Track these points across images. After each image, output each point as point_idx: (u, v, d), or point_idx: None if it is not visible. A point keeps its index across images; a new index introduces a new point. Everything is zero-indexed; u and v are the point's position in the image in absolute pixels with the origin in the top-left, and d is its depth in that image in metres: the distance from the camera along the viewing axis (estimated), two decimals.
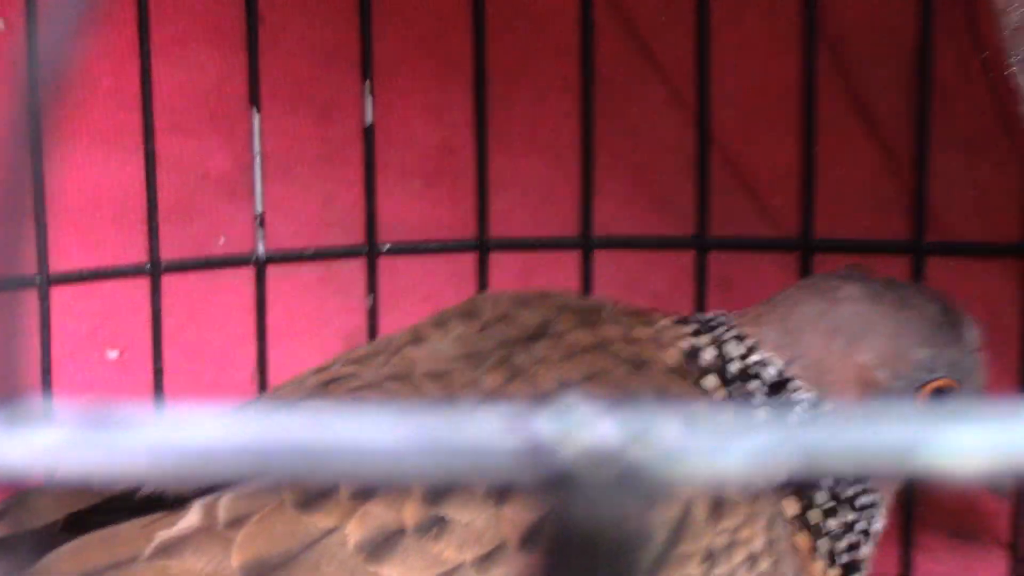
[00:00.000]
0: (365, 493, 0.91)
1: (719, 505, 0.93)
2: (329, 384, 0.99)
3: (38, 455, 0.28)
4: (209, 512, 0.94)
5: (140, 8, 1.10)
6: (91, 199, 1.17)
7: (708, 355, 1.00)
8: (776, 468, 0.28)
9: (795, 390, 0.98)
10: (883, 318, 0.98)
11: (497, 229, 1.17)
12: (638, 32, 1.19)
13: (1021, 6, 1.13)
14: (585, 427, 0.27)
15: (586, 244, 1.16)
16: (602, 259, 1.17)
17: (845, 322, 0.98)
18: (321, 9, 1.18)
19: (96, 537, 0.92)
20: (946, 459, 0.27)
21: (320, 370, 1.00)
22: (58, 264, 1.13)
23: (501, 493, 0.86)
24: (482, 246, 1.17)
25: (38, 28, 0.28)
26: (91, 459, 0.28)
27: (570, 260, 1.17)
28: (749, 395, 0.98)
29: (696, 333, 1.00)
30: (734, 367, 0.99)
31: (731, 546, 0.92)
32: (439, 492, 0.85)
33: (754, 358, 0.99)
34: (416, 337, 1.00)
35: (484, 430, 0.27)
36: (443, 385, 0.96)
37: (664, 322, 1.01)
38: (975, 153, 1.17)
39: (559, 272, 1.17)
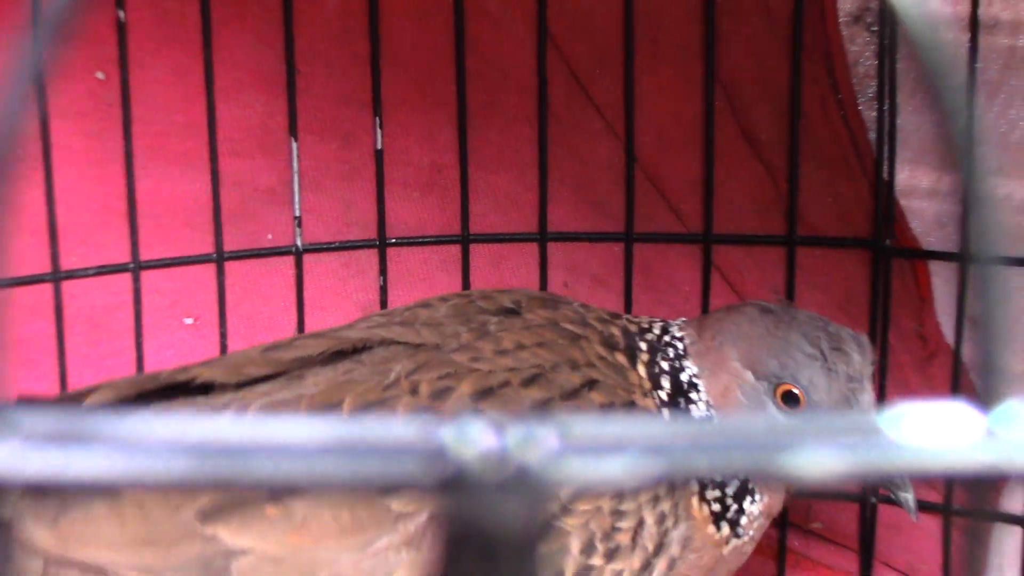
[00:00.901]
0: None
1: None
2: (356, 324, 0.98)
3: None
4: None
5: (206, 62, 1.09)
6: (170, 206, 1.16)
7: (643, 344, 0.98)
8: (644, 476, 0.27)
9: (696, 393, 0.96)
10: (757, 329, 0.96)
11: (475, 227, 1.16)
12: (580, 79, 1.18)
13: (868, 60, 1.13)
14: (480, 434, 0.27)
15: (542, 238, 1.15)
16: (554, 250, 1.16)
17: (733, 332, 0.97)
18: (342, 63, 1.18)
19: None
20: (795, 466, 0.27)
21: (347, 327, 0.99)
22: (147, 254, 1.12)
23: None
24: (464, 240, 1.17)
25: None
26: (44, 468, 0.27)
27: (530, 250, 1.16)
28: (660, 379, 0.97)
29: (640, 328, 0.99)
30: (659, 358, 0.98)
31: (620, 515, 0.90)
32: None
33: (679, 357, 0.98)
34: (424, 304, 1.00)
35: (394, 435, 0.27)
36: (435, 332, 0.95)
37: (614, 317, 1.00)
38: (833, 169, 1.16)
39: (522, 260, 1.17)
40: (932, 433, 0.27)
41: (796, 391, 0.95)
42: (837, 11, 1.13)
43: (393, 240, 1.17)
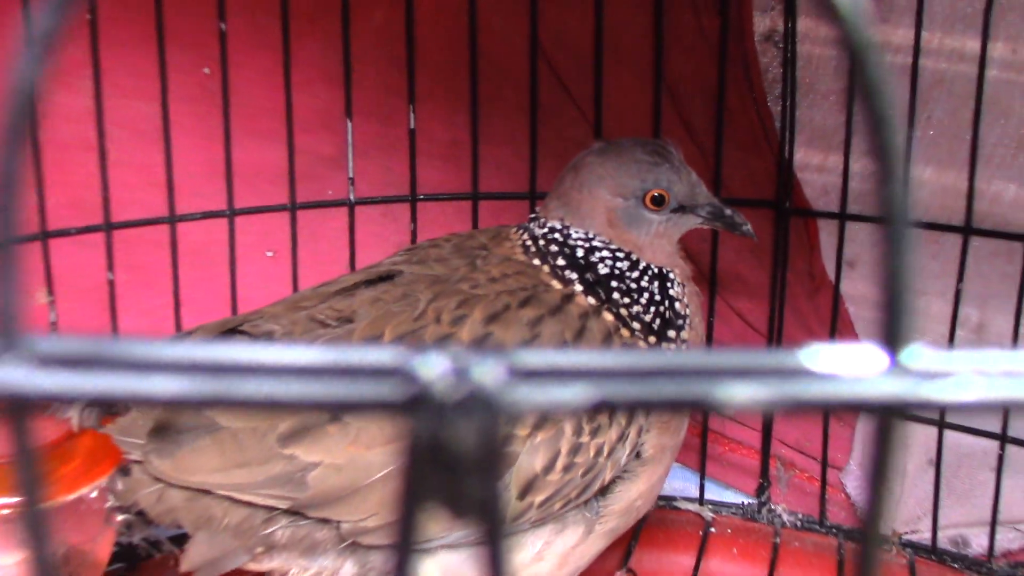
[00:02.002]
0: None
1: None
2: (385, 261, 0.95)
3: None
4: None
5: (285, 62, 1.04)
6: (257, 168, 1.12)
7: (529, 239, 0.93)
8: (583, 404, 0.23)
9: (575, 236, 0.92)
10: (607, 164, 0.91)
11: (483, 187, 1.12)
12: (561, 79, 1.13)
13: (775, 69, 1.07)
14: (443, 362, 0.22)
15: (532, 196, 1.11)
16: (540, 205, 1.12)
17: (587, 176, 0.92)
18: (385, 64, 1.12)
19: None
20: (724, 397, 0.23)
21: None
22: (239, 204, 1.08)
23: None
24: (474, 197, 1.12)
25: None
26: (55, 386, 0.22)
27: (523, 206, 1.11)
28: (555, 255, 0.92)
29: (523, 231, 0.95)
30: (539, 237, 0.93)
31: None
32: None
33: (548, 226, 0.93)
34: (433, 244, 0.95)
35: (373, 361, 0.22)
36: (442, 265, 0.91)
37: (514, 231, 0.95)
38: (748, 149, 1.11)
39: (517, 212, 1.11)
40: (846, 368, 0.22)
41: (660, 192, 0.91)
42: (754, 31, 1.07)
43: (421, 196, 1.13)
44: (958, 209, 1.00)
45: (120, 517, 0.87)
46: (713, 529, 1.13)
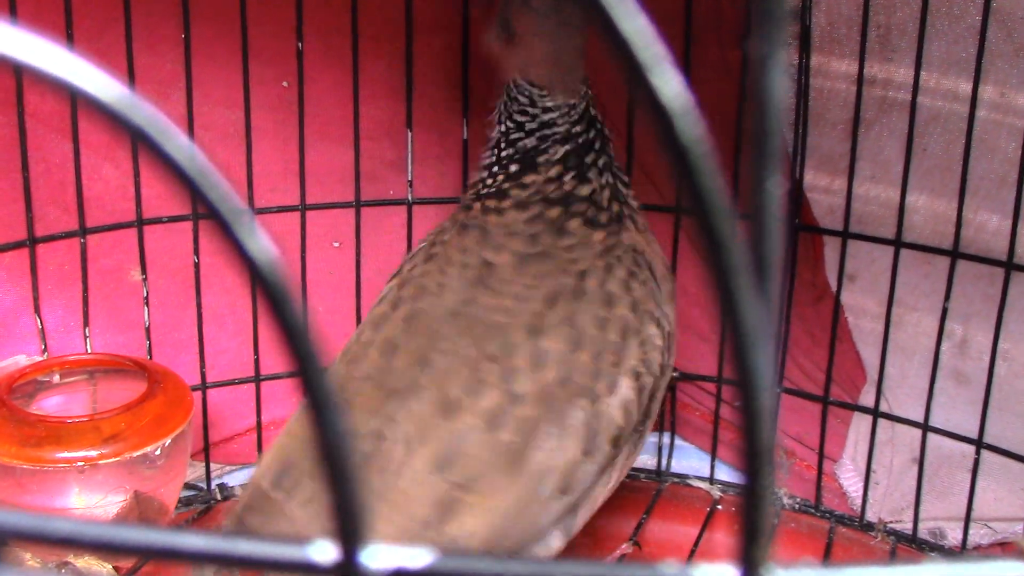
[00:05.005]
0: None
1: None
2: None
3: None
4: None
5: (354, 78, 1.14)
6: (328, 169, 1.21)
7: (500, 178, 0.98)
8: None
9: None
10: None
11: None
12: (600, 98, 1.21)
13: (788, 99, 1.14)
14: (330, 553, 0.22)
15: None
16: None
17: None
18: (443, 81, 1.22)
19: None
20: None
21: None
22: (311, 200, 1.19)
23: None
24: None
25: None
26: None
27: None
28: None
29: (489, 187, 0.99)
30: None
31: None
32: None
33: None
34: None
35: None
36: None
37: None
38: None
39: None
40: None
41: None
42: None
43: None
44: (948, 234, 1.08)
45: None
46: (720, 506, 1.23)
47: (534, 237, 0.93)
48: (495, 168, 0.99)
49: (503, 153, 0.99)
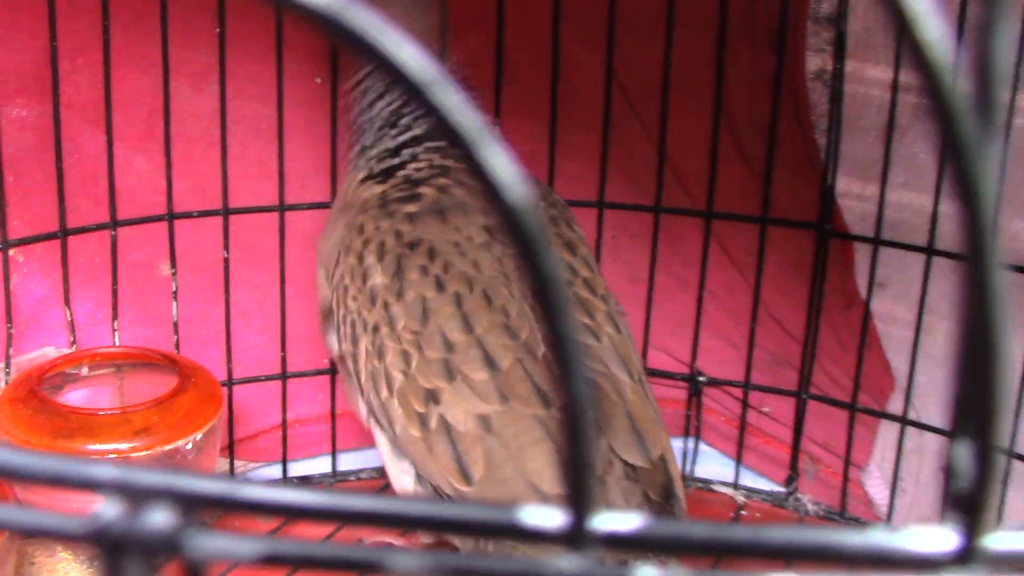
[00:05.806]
0: None
1: None
2: None
3: None
4: None
5: None
6: None
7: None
8: (254, 555, 0.23)
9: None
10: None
11: (556, 193, 1.20)
12: (631, 102, 1.21)
13: (823, 104, 1.14)
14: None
15: (600, 205, 1.20)
16: (608, 214, 1.21)
17: None
18: (474, 81, 1.21)
19: None
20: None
21: None
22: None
23: None
24: None
25: None
26: None
27: (592, 213, 1.20)
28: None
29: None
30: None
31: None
32: None
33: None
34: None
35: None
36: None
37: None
38: (795, 175, 1.18)
39: (583, 218, 1.19)
40: None
41: None
42: (806, 70, 1.15)
43: None
44: None
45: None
46: (744, 512, 1.22)
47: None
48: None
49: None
